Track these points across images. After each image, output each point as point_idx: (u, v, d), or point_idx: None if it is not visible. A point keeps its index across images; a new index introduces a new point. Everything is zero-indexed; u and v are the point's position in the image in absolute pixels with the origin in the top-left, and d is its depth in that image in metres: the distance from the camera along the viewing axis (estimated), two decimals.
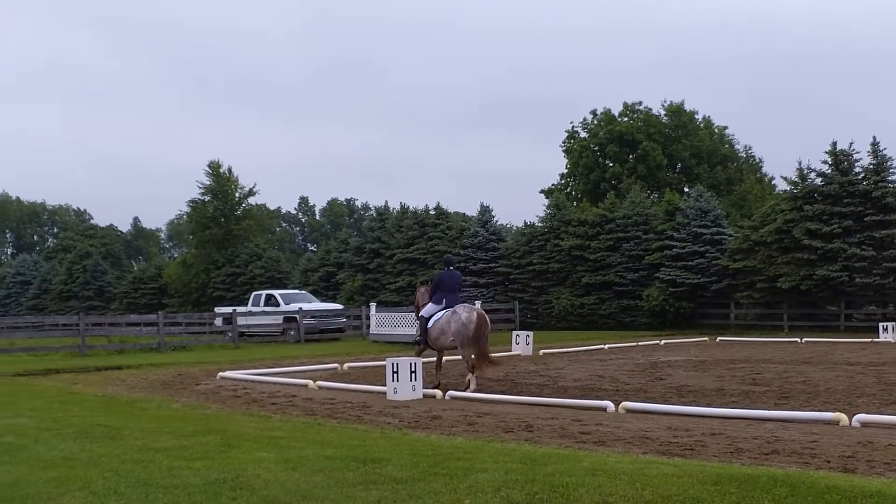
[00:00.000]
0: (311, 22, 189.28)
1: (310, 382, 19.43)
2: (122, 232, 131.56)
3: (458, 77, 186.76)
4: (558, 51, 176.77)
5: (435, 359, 20.40)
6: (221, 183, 70.80)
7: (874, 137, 43.52)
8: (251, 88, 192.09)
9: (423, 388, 16.88)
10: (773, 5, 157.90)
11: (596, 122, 79.29)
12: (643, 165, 73.80)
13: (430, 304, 20.03)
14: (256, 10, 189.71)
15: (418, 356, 18.84)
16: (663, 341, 35.78)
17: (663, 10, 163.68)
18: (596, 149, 78.12)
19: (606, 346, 32.61)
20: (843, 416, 12.44)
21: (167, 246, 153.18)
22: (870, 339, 34.80)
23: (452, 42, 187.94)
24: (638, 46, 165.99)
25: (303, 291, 51.98)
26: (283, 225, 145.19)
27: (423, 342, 20.08)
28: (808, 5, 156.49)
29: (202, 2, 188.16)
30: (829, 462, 9.53)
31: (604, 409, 14.29)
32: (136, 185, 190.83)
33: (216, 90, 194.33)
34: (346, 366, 24.77)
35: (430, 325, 19.66)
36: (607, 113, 78.71)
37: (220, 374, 22.51)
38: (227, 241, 70.40)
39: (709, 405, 14.70)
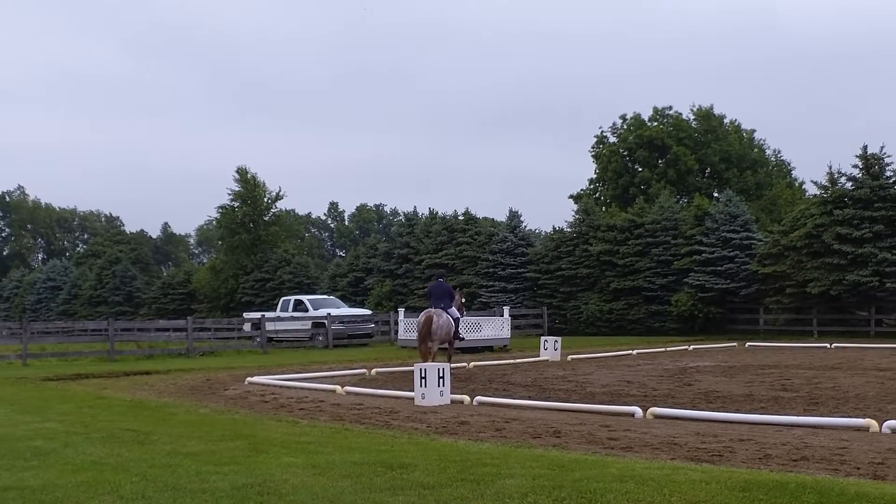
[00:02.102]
0: (338, 28, 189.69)
1: (338, 388, 19.44)
2: (151, 237, 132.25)
3: (486, 81, 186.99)
4: (587, 54, 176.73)
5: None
6: (250, 188, 71.07)
7: None
8: (280, 94, 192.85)
9: (451, 393, 16.88)
10: (803, 8, 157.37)
11: (625, 126, 78.93)
12: (673, 170, 73.52)
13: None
14: (283, 17, 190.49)
15: (449, 360, 23.12)
16: (692, 347, 35.63)
17: (693, 14, 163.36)
18: (625, 153, 77.91)
19: (635, 352, 32.54)
20: (873, 423, 12.37)
21: (196, 251, 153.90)
22: None
23: (481, 45, 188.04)
24: (667, 51, 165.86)
25: (331, 297, 51.91)
26: (313, 230, 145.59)
27: None
28: (838, 7, 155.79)
29: (230, 9, 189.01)
30: (858, 469, 9.48)
31: (632, 415, 14.26)
32: (166, 190, 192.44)
33: (246, 96, 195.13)
34: (374, 371, 24.76)
35: None
36: (637, 117, 78.42)
37: (249, 379, 22.53)
38: (255, 246, 70.69)
39: (737, 411, 14.65)
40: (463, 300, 28.20)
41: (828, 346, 34.98)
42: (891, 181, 42.76)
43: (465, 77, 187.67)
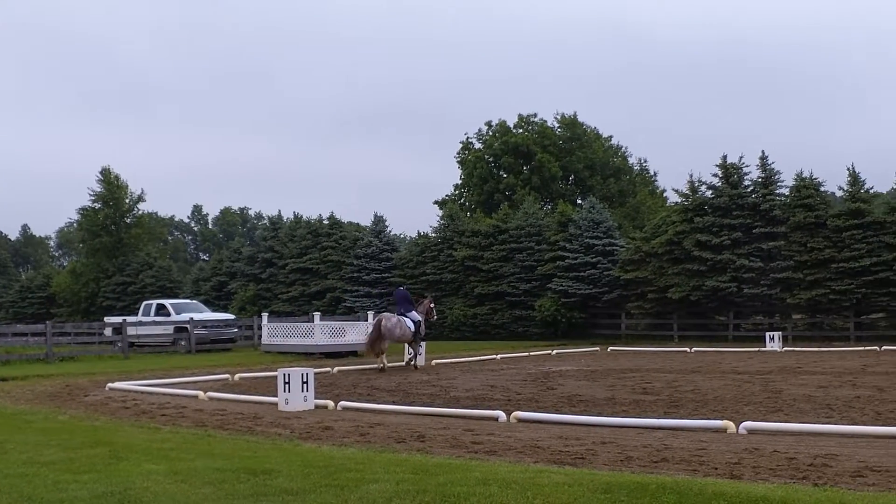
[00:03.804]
0: (202, 28, 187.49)
1: (200, 393, 19.20)
2: (10, 239, 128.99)
3: (352, 85, 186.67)
4: (452, 61, 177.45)
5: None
6: (112, 190, 69.76)
7: (763, 152, 44.76)
8: (144, 95, 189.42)
9: (315, 398, 16.79)
10: (672, 21, 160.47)
11: (491, 133, 79.31)
12: (537, 177, 74.06)
13: None
14: (144, 19, 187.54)
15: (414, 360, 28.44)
16: (555, 351, 36.07)
17: (557, 22, 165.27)
18: (490, 160, 78.19)
19: (499, 356, 32.77)
20: (730, 424, 12.64)
21: (57, 254, 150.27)
22: (757, 349, 35.44)
23: (346, 48, 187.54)
24: (533, 58, 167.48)
25: (194, 301, 51.25)
26: (176, 234, 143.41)
27: None
28: (706, 21, 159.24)
29: (88, 7, 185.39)
30: (716, 469, 9.68)
31: (495, 419, 14.33)
32: (25, 191, 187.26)
33: (108, 96, 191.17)
34: (237, 376, 24.54)
35: None
36: (502, 124, 78.82)
37: (109, 384, 22.16)
38: (117, 249, 69.45)
39: (600, 414, 14.83)
40: (432, 305, 30.70)
41: (688, 350, 35.72)
42: (748, 190, 43.96)
43: (330, 80, 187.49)
